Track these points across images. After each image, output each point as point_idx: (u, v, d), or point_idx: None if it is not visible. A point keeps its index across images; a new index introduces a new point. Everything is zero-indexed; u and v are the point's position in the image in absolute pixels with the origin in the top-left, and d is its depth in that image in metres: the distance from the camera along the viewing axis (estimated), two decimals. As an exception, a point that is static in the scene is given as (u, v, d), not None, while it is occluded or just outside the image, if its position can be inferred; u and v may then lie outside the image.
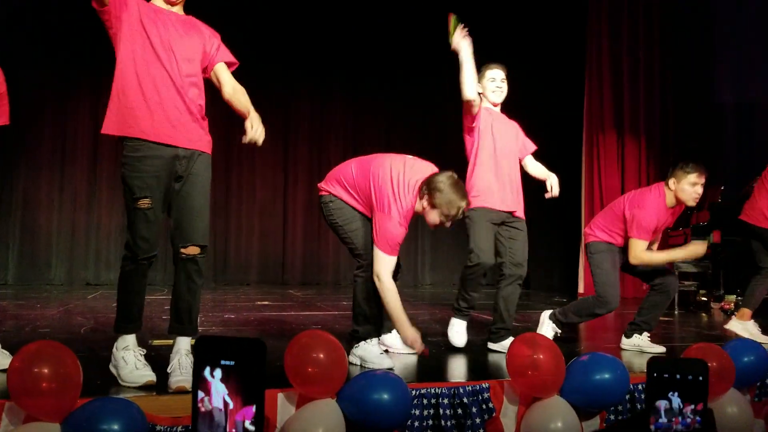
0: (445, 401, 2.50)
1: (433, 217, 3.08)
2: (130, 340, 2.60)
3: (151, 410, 2.13)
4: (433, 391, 2.50)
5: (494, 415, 2.53)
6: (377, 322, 3.14)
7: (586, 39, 8.21)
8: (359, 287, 3.14)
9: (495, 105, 3.81)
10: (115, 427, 1.93)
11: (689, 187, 3.71)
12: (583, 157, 8.19)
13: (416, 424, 2.43)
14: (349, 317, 3.39)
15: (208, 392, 1.16)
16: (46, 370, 1.99)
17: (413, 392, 2.43)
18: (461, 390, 2.52)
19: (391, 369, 2.87)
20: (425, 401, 2.47)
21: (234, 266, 9.00)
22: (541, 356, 2.52)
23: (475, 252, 3.57)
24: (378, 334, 3.18)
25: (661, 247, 7.88)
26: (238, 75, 2.70)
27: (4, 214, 8.21)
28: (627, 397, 2.79)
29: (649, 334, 3.82)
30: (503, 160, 3.69)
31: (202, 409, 1.18)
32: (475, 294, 3.68)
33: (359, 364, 3.02)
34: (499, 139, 3.70)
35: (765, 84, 7.51)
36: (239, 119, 9.24)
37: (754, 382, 3.09)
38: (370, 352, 3.02)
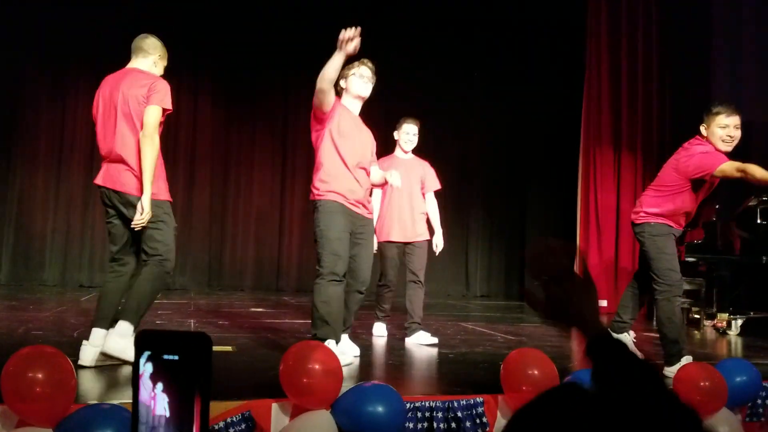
0: (440, 414, 2.50)
1: (355, 82, 3.60)
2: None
3: (144, 417, 2.12)
4: (427, 404, 2.50)
5: (488, 429, 2.54)
6: (336, 324, 3.32)
7: (585, 55, 8.25)
8: (318, 291, 3.32)
9: (405, 152, 4.74)
10: (108, 433, 1.93)
11: (720, 130, 3.61)
12: (579, 171, 8.21)
13: (410, 437, 2.43)
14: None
15: (149, 388, 1.14)
16: (40, 375, 1.98)
17: (408, 405, 2.43)
18: (455, 404, 2.52)
19: (348, 365, 3.13)
20: (419, 414, 2.48)
21: (229, 272, 8.97)
22: (536, 371, 2.53)
23: (384, 274, 4.62)
24: (336, 337, 3.31)
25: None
26: (239, 81, 2.68)
27: (-1, 213, 8.19)
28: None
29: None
30: (405, 202, 4.57)
31: (144, 405, 1.15)
32: (387, 306, 4.67)
33: None
34: (405, 184, 4.30)
35: (760, 103, 7.56)
36: (237, 125, 9.20)
37: (746, 402, 3.10)
38: None
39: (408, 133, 4.68)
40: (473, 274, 9.89)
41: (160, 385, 1.11)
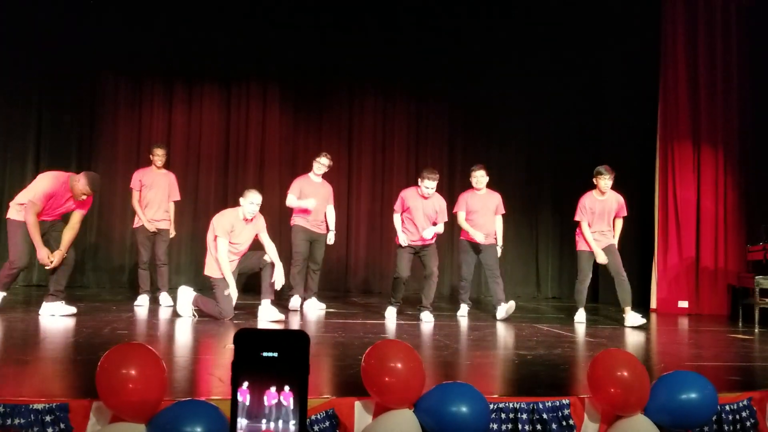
0: (524, 416, 2.43)
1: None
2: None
3: (231, 414, 2.15)
4: (512, 405, 2.43)
5: (575, 432, 2.45)
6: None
7: (660, 46, 7.95)
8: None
9: (425, 198, 5.94)
10: (198, 429, 1.95)
11: None
12: (657, 167, 7.90)
13: (494, 438, 2.37)
14: (415, 326, 3.27)
15: (249, 387, 1.13)
16: (133, 371, 2.02)
17: (492, 406, 2.37)
18: (541, 405, 2.44)
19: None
20: (503, 415, 2.41)
21: (298, 273, 9.09)
22: (625, 373, 2.42)
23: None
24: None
25: (738, 259, 7.52)
26: (306, 87, 2.69)
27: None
28: (714, 418, 2.65)
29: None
30: (424, 225, 5.93)
31: (243, 404, 1.15)
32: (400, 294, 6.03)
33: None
34: (424, 215, 5.95)
35: None
36: (303, 130, 9.38)
37: None
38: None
39: (428, 188, 5.90)
40: (544, 275, 9.68)
41: (258, 381, 1.10)
